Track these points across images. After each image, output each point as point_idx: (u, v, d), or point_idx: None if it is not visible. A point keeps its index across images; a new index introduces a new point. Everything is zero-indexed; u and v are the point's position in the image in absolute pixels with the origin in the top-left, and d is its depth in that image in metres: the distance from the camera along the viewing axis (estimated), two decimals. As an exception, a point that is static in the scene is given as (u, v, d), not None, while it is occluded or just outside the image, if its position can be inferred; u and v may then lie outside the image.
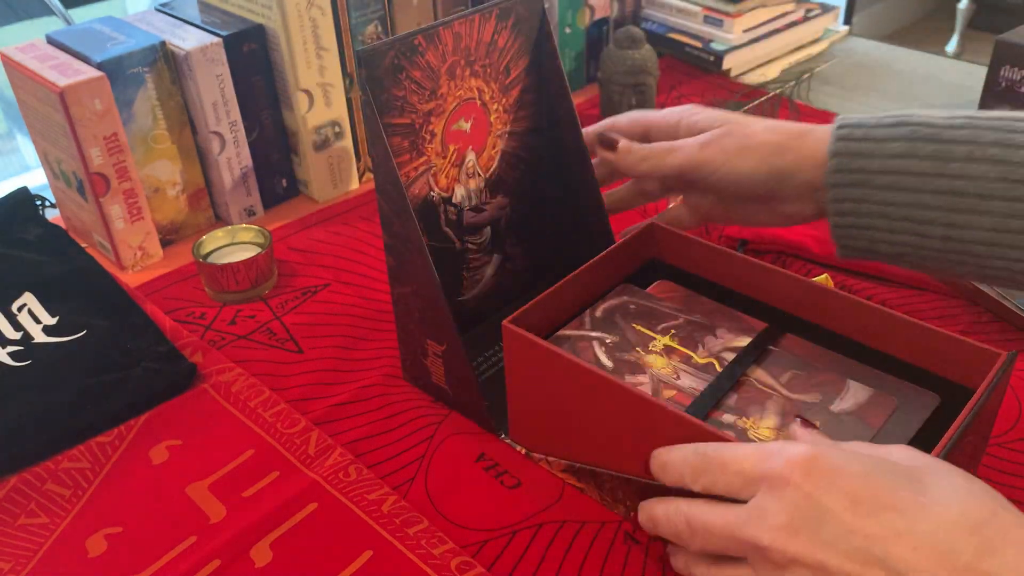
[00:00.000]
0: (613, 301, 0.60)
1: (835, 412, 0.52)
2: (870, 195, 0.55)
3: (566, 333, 0.57)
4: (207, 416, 0.61)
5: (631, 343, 0.57)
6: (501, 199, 0.64)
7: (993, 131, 0.52)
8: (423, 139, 0.58)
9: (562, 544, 0.52)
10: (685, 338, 0.57)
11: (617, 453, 0.50)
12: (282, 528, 0.53)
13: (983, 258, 0.53)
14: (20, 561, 0.51)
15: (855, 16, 2.88)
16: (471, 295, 0.65)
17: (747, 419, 0.51)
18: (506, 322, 0.52)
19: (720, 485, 0.42)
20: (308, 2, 0.77)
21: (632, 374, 0.54)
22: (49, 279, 0.72)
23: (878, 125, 0.55)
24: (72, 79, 0.69)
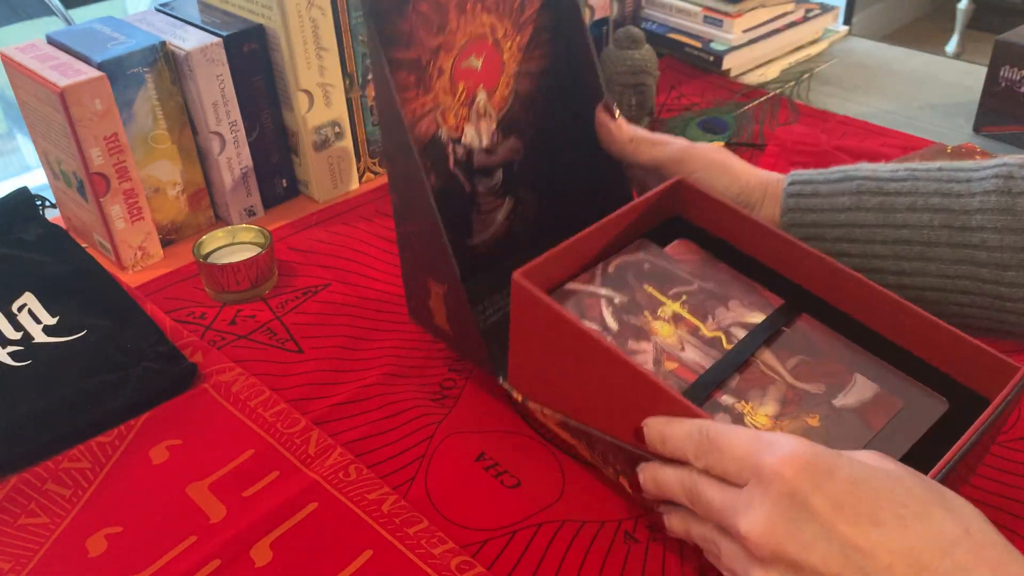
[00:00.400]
0: (628, 257, 0.58)
1: (836, 406, 0.51)
2: (824, 248, 0.57)
3: (575, 287, 0.55)
4: (207, 416, 0.61)
5: (639, 305, 0.55)
6: (514, 141, 0.62)
7: (933, 181, 0.55)
8: (431, 75, 0.56)
9: (562, 544, 0.52)
10: (696, 307, 0.55)
11: (611, 419, 0.50)
12: (282, 528, 0.53)
13: (936, 304, 0.55)
14: (20, 561, 0.51)
15: (855, 16, 2.88)
16: (481, 239, 0.63)
17: (746, 403, 0.51)
18: (516, 273, 0.51)
19: (719, 468, 0.42)
20: (308, 2, 0.77)
21: (636, 340, 0.53)
22: (49, 279, 0.72)
23: (826, 181, 0.58)
24: (72, 79, 0.69)
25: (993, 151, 0.88)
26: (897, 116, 1.00)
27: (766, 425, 0.50)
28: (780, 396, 0.51)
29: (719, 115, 0.98)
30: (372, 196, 0.87)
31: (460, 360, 0.66)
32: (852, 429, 0.50)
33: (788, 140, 0.89)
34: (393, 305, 0.72)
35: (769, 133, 0.95)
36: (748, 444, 0.41)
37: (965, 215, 0.53)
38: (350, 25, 0.82)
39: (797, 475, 0.39)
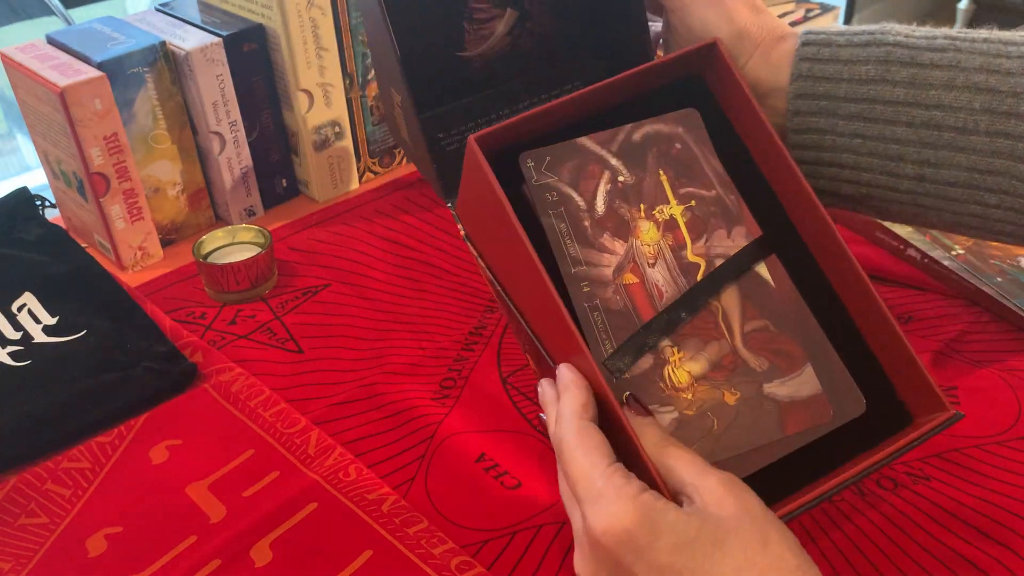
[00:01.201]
0: (663, 127, 0.50)
1: (764, 392, 0.47)
2: (836, 126, 0.49)
3: (586, 144, 0.49)
4: (207, 416, 0.61)
5: (641, 194, 0.49)
6: None
7: (979, 55, 0.46)
8: None
9: (562, 545, 0.52)
10: (698, 219, 0.49)
11: (526, 306, 0.48)
12: (282, 528, 0.53)
13: (958, 202, 0.48)
14: (20, 561, 0.51)
15: (855, 16, 2.88)
16: (477, 52, 0.57)
17: (677, 351, 0.47)
18: (472, 137, 0.45)
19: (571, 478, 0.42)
20: (308, 2, 0.77)
21: (613, 235, 0.48)
22: (49, 279, 0.72)
23: (847, 44, 0.49)
24: (72, 79, 0.69)
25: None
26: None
27: (683, 383, 0.47)
28: (716, 358, 0.47)
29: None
30: (372, 196, 0.87)
31: (459, 360, 0.66)
32: (762, 423, 0.47)
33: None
34: (393, 305, 0.72)
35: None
36: (581, 483, 0.40)
37: (1014, 98, 0.44)
38: (350, 25, 0.82)
39: (618, 546, 0.38)
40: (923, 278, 0.71)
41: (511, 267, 0.49)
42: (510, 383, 0.64)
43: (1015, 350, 0.65)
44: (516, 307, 0.50)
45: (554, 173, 0.49)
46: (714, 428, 0.46)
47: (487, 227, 0.50)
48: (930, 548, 0.51)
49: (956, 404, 0.59)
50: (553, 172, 0.49)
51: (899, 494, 0.54)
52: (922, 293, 0.70)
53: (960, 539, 0.51)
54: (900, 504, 0.53)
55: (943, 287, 0.70)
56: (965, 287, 0.69)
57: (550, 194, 0.48)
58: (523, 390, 0.63)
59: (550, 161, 0.49)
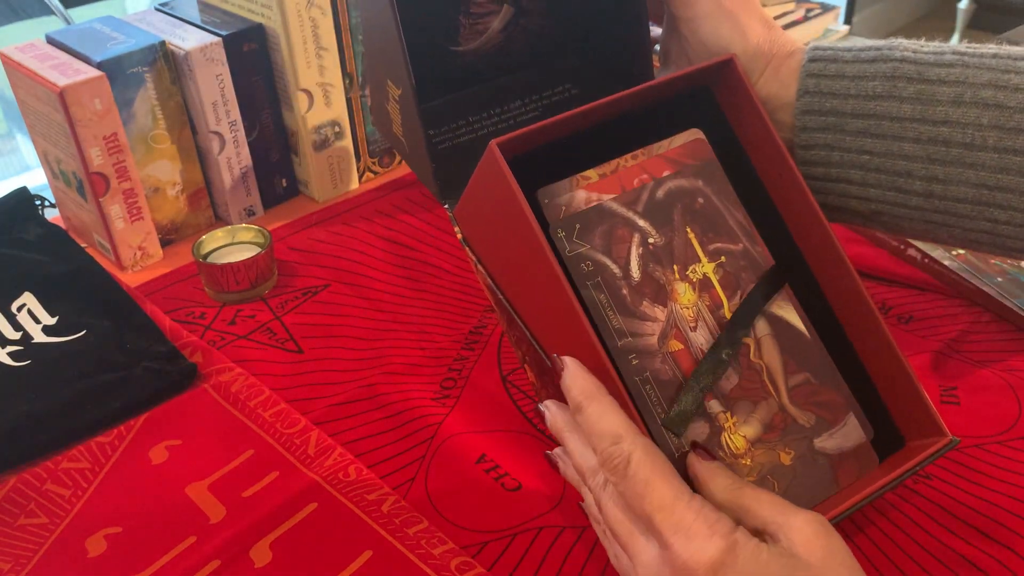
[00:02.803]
0: (684, 182, 0.50)
1: (815, 448, 0.47)
2: (843, 141, 0.49)
3: (612, 206, 0.48)
4: (207, 416, 0.61)
5: (672, 255, 0.48)
6: None
7: (987, 71, 0.45)
8: None
9: (563, 547, 0.52)
10: (730, 275, 0.49)
11: (536, 321, 0.47)
12: (282, 528, 0.53)
13: (967, 219, 0.47)
14: (20, 561, 0.51)
15: (855, 16, 2.88)
16: (470, 47, 0.56)
17: (731, 416, 0.47)
18: (494, 143, 0.44)
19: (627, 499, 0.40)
20: (308, 2, 0.77)
21: (652, 301, 0.48)
22: (49, 279, 0.72)
23: (854, 60, 0.49)
24: (72, 79, 0.69)
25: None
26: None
27: (741, 449, 0.47)
28: (767, 419, 0.48)
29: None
30: (372, 196, 0.87)
31: (459, 360, 0.66)
32: (818, 479, 0.47)
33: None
34: (393, 305, 0.72)
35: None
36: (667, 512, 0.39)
37: (1022, 114, 0.44)
38: (350, 25, 0.82)
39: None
40: (923, 278, 0.71)
41: (518, 274, 0.48)
42: (510, 382, 0.64)
43: (1015, 350, 0.65)
44: (519, 316, 0.49)
45: (585, 241, 0.48)
46: (775, 490, 0.46)
47: (496, 233, 0.49)
48: (930, 548, 0.51)
49: (956, 404, 0.60)
50: (584, 240, 0.48)
51: (899, 493, 0.54)
52: (922, 293, 0.70)
53: (960, 539, 0.51)
54: (900, 504, 0.53)
55: (943, 287, 0.70)
56: (965, 287, 0.69)
57: (585, 264, 0.47)
58: (524, 389, 0.63)
59: (580, 228, 0.48)
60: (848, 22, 2.73)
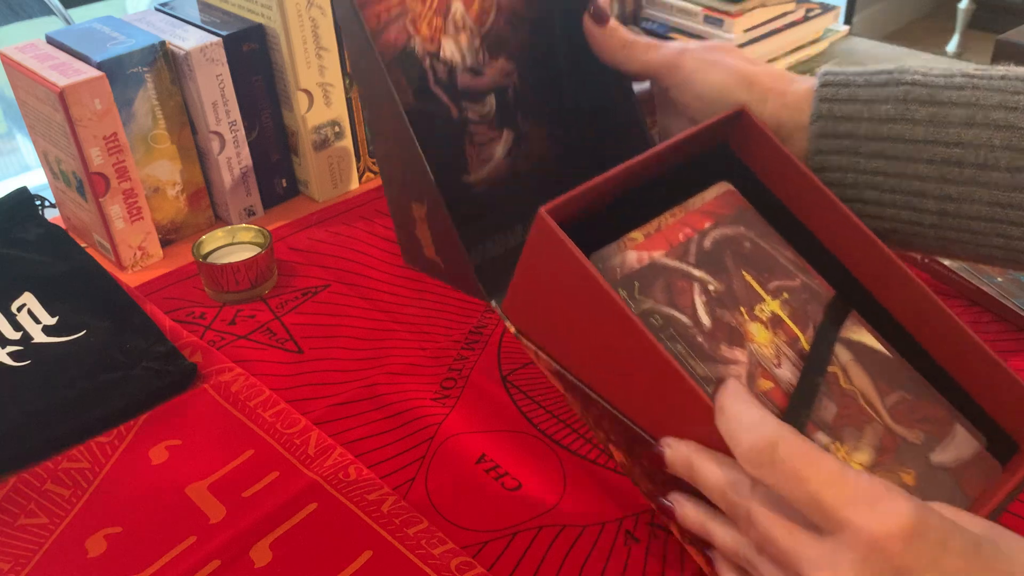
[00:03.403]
0: (727, 231, 0.51)
1: (933, 464, 0.45)
2: (857, 164, 0.50)
3: (665, 262, 0.48)
4: (207, 416, 0.61)
5: (736, 299, 0.48)
6: (504, 63, 0.58)
7: (996, 92, 0.46)
8: None
9: (563, 546, 0.52)
10: (797, 310, 0.49)
11: (620, 392, 0.45)
12: (282, 528, 0.53)
13: (981, 235, 0.48)
14: (20, 561, 0.51)
15: (855, 16, 2.88)
16: (480, 176, 0.59)
17: (840, 445, 0.45)
18: (543, 210, 0.44)
19: (786, 496, 0.36)
20: (308, 2, 0.77)
21: (729, 344, 0.47)
22: (49, 279, 0.72)
23: (866, 84, 0.50)
24: (72, 79, 0.69)
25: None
26: (897, 116, 1.00)
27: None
28: (877, 442, 0.45)
29: (719, 115, 0.98)
30: (372, 196, 0.87)
31: (459, 360, 0.66)
32: (946, 495, 0.44)
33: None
34: (393, 305, 0.72)
35: (769, 133, 0.95)
36: (837, 486, 0.35)
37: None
38: (350, 25, 0.82)
39: (907, 549, 0.33)
40: (923, 278, 0.71)
41: (590, 347, 0.46)
42: (511, 382, 0.64)
43: (1015, 350, 0.65)
44: (597, 392, 0.47)
45: (648, 296, 0.48)
46: None
47: (556, 311, 0.48)
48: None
49: None
50: (647, 295, 0.48)
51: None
52: (922, 293, 0.70)
53: None
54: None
55: (943, 287, 0.70)
56: (965, 287, 0.69)
57: (654, 319, 0.47)
58: (524, 389, 0.63)
59: (640, 286, 0.48)
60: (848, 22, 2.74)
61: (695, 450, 0.41)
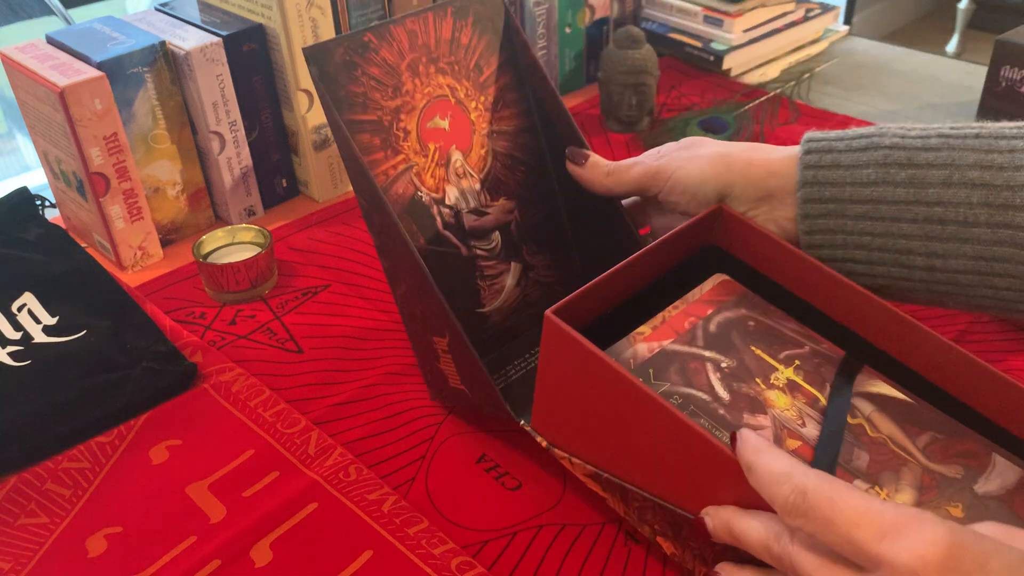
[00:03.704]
0: (729, 314, 0.53)
1: (979, 494, 0.45)
2: (845, 225, 0.52)
3: (675, 348, 0.51)
4: (207, 416, 0.61)
5: (750, 372, 0.50)
6: (505, 202, 0.63)
7: (971, 152, 0.49)
8: (396, 136, 0.57)
9: (563, 545, 0.52)
10: (811, 373, 0.50)
11: (652, 474, 0.46)
12: (282, 528, 0.53)
13: (970, 288, 0.50)
14: (20, 561, 0.51)
15: (855, 16, 2.88)
16: (494, 307, 0.63)
17: (881, 489, 0.45)
18: (549, 312, 0.47)
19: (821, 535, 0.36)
20: (308, 2, 0.77)
21: (752, 413, 0.48)
22: (49, 279, 0.72)
23: (848, 149, 0.52)
24: (72, 79, 0.69)
25: (993, 151, 0.87)
26: (897, 116, 1.00)
27: None
28: (916, 482, 0.45)
29: (719, 115, 0.98)
30: (372, 196, 0.87)
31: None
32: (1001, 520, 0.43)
33: (788, 140, 0.89)
34: (393, 305, 0.72)
35: (769, 133, 0.95)
36: (865, 523, 0.34)
37: (1009, 191, 0.47)
38: (350, 25, 0.82)
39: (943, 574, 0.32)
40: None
41: (619, 435, 0.47)
42: (510, 383, 0.64)
43: (1015, 350, 0.65)
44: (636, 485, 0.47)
45: (664, 380, 0.49)
46: None
47: (578, 409, 0.48)
48: None
49: None
50: (663, 379, 0.49)
51: None
52: (922, 293, 0.70)
53: None
54: None
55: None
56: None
57: (673, 399, 0.48)
58: (523, 390, 0.63)
59: (654, 372, 0.49)
60: (848, 22, 2.74)
61: (733, 512, 0.42)
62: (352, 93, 0.55)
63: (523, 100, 0.63)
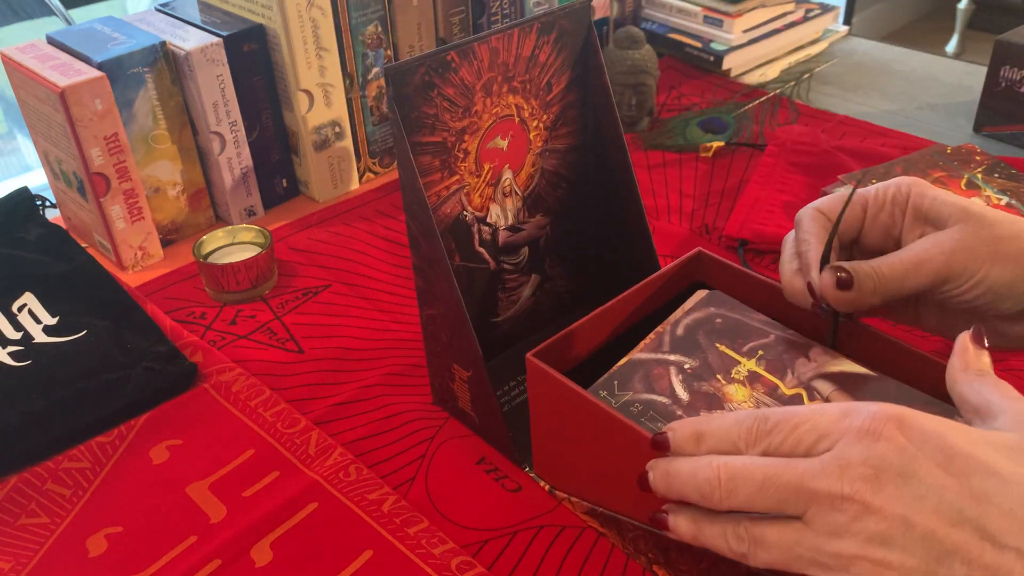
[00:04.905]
0: (698, 315, 0.54)
1: None
2: None
3: (641, 356, 0.52)
4: (207, 416, 0.61)
5: (712, 369, 0.50)
6: (540, 218, 0.62)
7: None
8: (456, 157, 0.56)
9: (563, 546, 0.52)
10: (773, 361, 0.50)
11: (639, 502, 0.47)
12: (282, 528, 0.53)
13: None
14: (20, 561, 0.51)
15: (855, 16, 2.88)
16: (507, 316, 0.63)
17: None
18: (530, 355, 0.49)
19: (787, 444, 0.38)
20: (308, 2, 0.77)
21: (708, 409, 0.49)
22: (49, 279, 0.72)
23: None
24: (72, 79, 0.69)
25: (993, 151, 0.88)
26: (897, 116, 1.00)
27: None
28: None
29: (719, 115, 0.98)
30: (372, 196, 0.87)
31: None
32: None
33: (788, 140, 0.89)
34: (393, 306, 0.72)
35: (769, 133, 0.95)
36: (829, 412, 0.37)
37: None
38: (350, 25, 0.82)
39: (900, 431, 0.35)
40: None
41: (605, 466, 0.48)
42: (510, 383, 0.64)
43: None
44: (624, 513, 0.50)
45: (628, 389, 0.50)
46: None
47: (569, 446, 0.51)
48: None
49: None
50: (626, 389, 0.50)
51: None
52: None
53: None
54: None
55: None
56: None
57: (633, 407, 0.49)
58: (523, 390, 0.63)
59: (619, 383, 0.50)
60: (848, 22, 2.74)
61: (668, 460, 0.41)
62: (424, 115, 0.53)
63: (581, 118, 0.62)
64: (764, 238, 0.76)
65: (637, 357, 0.52)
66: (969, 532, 0.34)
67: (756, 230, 0.77)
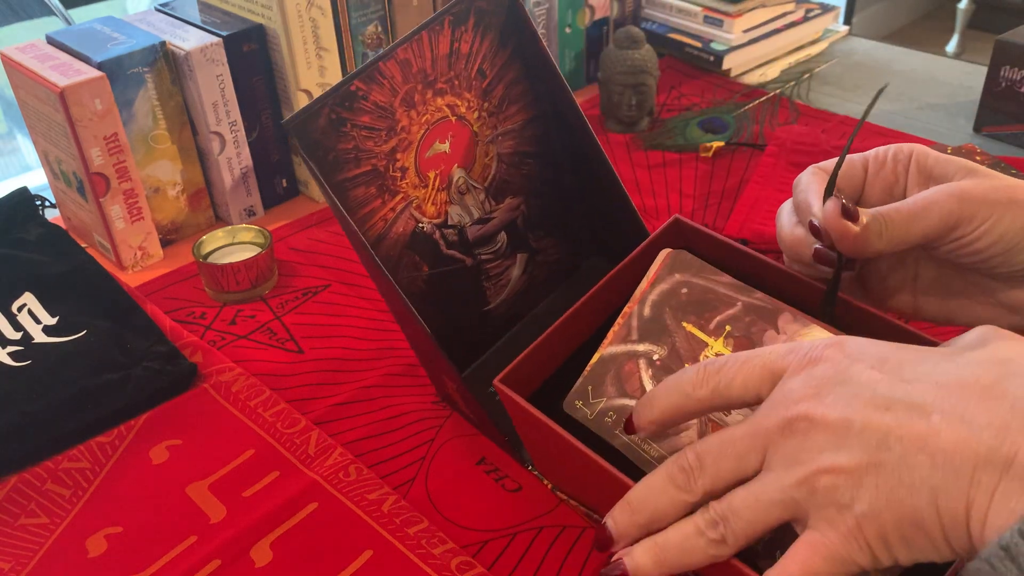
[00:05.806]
0: (664, 286, 0.51)
1: None
2: None
3: (610, 351, 0.50)
4: (207, 416, 0.61)
5: (680, 356, 0.49)
6: (511, 201, 0.61)
7: None
8: (392, 178, 0.55)
9: (563, 546, 0.52)
10: (743, 336, 0.49)
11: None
12: (282, 528, 0.53)
13: None
14: (20, 561, 0.51)
15: (855, 16, 2.88)
16: (499, 301, 0.62)
17: None
18: (496, 381, 0.48)
19: (737, 382, 0.39)
20: (308, 2, 0.77)
21: None
22: (49, 279, 0.72)
23: None
24: (72, 79, 0.69)
25: (994, 151, 0.88)
26: (897, 116, 1.00)
27: None
28: None
29: (719, 115, 0.98)
30: (372, 196, 0.87)
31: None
32: None
33: (788, 140, 0.89)
34: (393, 305, 0.72)
35: (769, 133, 0.95)
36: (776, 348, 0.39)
37: None
38: (350, 25, 0.82)
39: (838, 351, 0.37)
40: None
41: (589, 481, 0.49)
42: (510, 383, 0.64)
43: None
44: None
45: (601, 396, 0.49)
46: None
47: (553, 458, 0.51)
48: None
49: None
50: (600, 395, 0.49)
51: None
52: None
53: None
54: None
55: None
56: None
57: (608, 417, 0.48)
58: (523, 390, 0.63)
59: (593, 389, 0.49)
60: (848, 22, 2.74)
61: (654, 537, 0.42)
62: (342, 152, 0.51)
63: (530, 91, 0.60)
64: (764, 238, 0.76)
65: (608, 352, 0.50)
66: (899, 411, 0.34)
67: (756, 230, 0.77)
